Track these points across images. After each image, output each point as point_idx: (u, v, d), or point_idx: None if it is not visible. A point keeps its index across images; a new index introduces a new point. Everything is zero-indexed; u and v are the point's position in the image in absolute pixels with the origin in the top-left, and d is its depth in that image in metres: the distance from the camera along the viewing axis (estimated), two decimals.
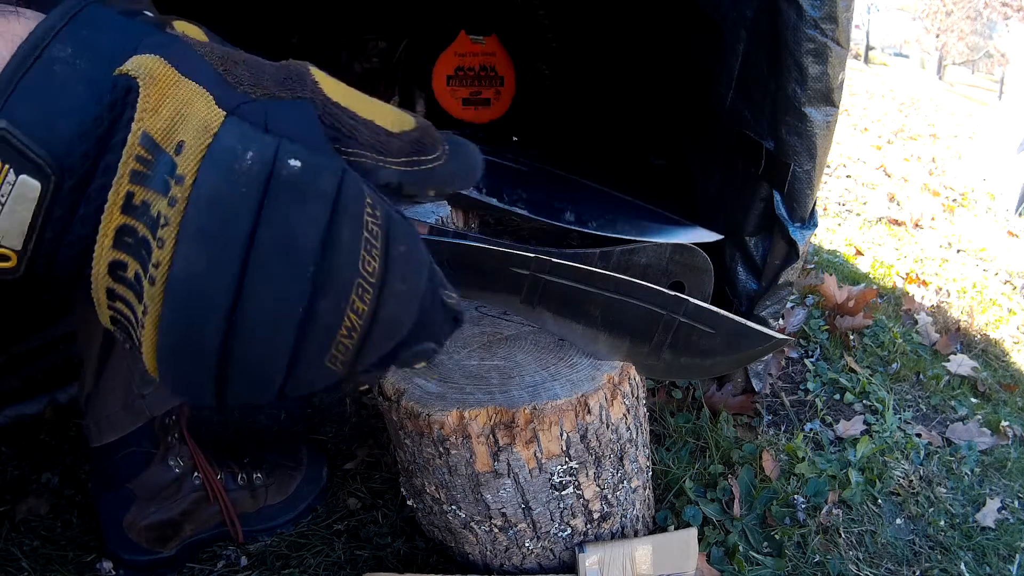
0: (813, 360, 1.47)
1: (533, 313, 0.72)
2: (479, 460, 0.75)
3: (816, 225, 1.04)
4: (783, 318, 1.57)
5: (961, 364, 1.53)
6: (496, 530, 0.81)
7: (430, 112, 1.83)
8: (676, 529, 0.98)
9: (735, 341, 0.79)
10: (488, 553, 0.84)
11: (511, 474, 0.76)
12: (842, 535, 1.02)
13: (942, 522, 1.07)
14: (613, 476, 0.82)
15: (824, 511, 1.05)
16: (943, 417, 1.35)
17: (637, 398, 0.85)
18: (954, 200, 3.36)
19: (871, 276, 2.10)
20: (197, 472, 0.94)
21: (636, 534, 0.89)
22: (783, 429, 1.25)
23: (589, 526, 0.83)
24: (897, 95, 8.84)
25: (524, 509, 0.79)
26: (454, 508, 0.81)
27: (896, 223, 2.77)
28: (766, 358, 1.25)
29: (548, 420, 0.74)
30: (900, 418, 1.31)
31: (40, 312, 1.21)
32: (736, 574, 0.95)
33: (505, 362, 0.81)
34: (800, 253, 1.03)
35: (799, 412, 1.32)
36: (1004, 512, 1.11)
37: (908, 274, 2.13)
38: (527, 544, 0.82)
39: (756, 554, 0.99)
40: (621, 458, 0.82)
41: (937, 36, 17.09)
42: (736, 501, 1.04)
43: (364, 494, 1.06)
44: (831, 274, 1.88)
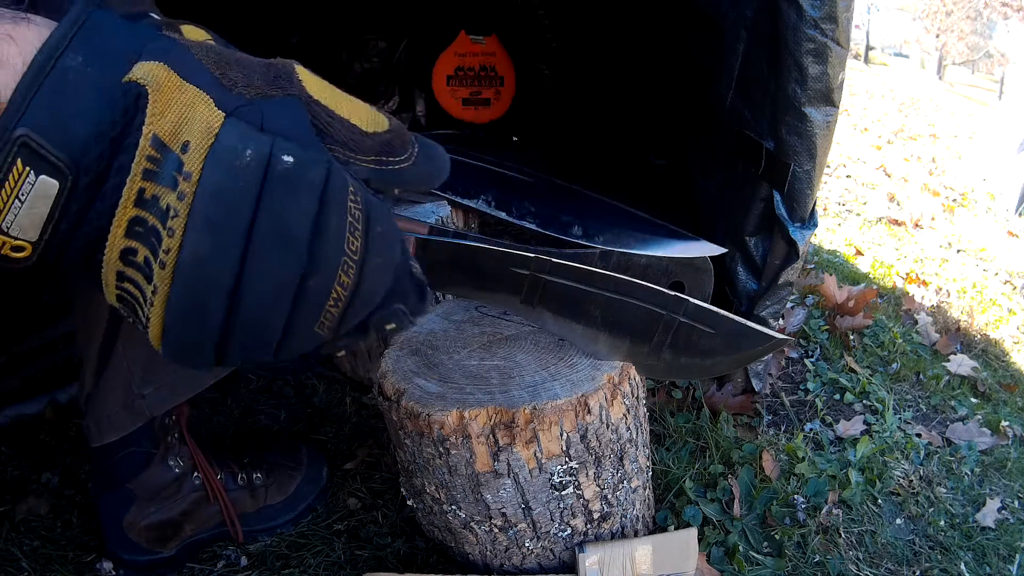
0: (813, 360, 1.47)
1: (533, 313, 0.72)
2: (479, 460, 0.75)
3: (816, 225, 1.04)
4: (783, 318, 1.57)
5: (961, 364, 1.53)
6: (496, 530, 0.81)
7: (430, 112, 1.83)
8: (676, 529, 0.98)
9: (735, 341, 0.79)
10: (488, 553, 0.84)
11: (511, 474, 0.76)
12: (842, 535, 1.02)
13: (942, 522, 1.07)
14: (613, 476, 0.82)
15: (824, 511, 1.05)
16: (943, 417, 1.35)
17: (637, 398, 0.85)
18: (954, 200, 3.36)
19: (871, 276, 2.10)
20: (197, 472, 0.94)
21: (636, 534, 0.89)
22: (783, 429, 1.25)
23: (589, 526, 0.83)
24: (897, 95, 8.85)
25: (524, 509, 0.79)
26: (454, 508, 0.81)
27: (896, 223, 2.78)
28: (766, 358, 1.25)
29: (548, 420, 0.74)
30: (900, 418, 1.31)
31: (40, 312, 1.21)
32: (736, 574, 0.95)
33: (505, 362, 0.81)
34: (800, 253, 1.03)
35: (799, 412, 1.32)
36: (1004, 512, 1.11)
37: (908, 274, 2.14)
38: (527, 544, 0.82)
39: (756, 554, 0.99)
40: (621, 458, 0.82)
41: (937, 36, 17.10)
42: (736, 501, 1.04)
43: (364, 494, 1.06)
44: (831, 274, 1.88)
